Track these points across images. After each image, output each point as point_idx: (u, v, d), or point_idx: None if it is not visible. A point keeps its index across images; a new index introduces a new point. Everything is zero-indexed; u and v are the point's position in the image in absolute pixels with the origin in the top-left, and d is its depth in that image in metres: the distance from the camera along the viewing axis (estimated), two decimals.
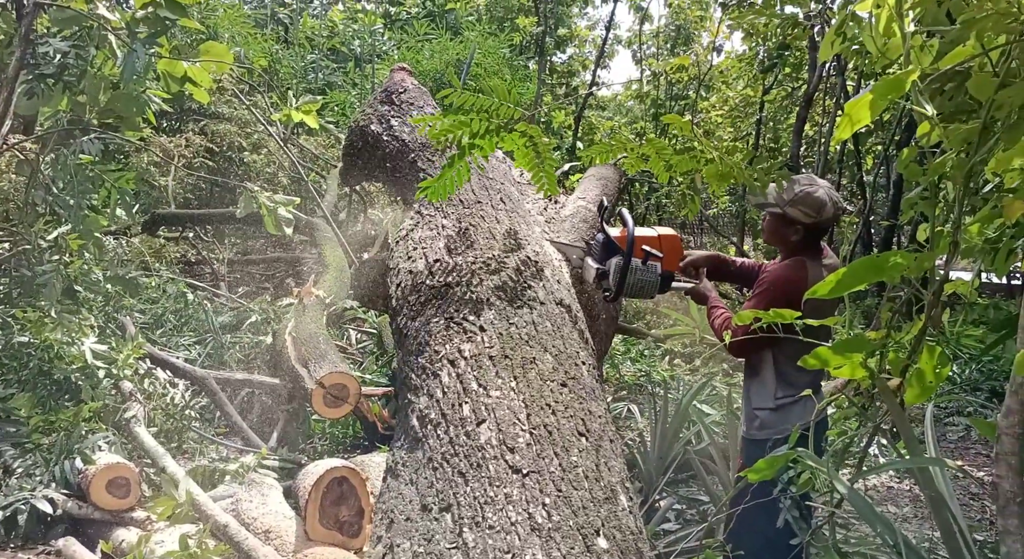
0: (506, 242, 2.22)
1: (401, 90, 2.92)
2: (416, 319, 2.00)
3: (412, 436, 1.69)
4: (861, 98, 1.35)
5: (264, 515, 3.35)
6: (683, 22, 20.70)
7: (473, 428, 1.59)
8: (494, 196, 2.45)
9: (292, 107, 6.40)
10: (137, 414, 3.87)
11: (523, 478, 1.46)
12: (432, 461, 1.58)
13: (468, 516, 1.42)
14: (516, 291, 1.98)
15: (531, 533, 1.36)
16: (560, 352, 1.83)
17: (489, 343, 1.80)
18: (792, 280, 2.43)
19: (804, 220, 2.42)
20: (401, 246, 2.36)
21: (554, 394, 1.68)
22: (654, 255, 2.50)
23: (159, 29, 4.47)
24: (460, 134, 2.08)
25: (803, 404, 2.50)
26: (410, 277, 2.17)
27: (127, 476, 3.38)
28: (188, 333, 5.39)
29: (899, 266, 1.21)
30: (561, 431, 1.59)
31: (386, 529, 1.53)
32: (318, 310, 5.24)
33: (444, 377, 1.75)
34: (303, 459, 4.63)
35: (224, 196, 11.79)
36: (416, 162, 2.66)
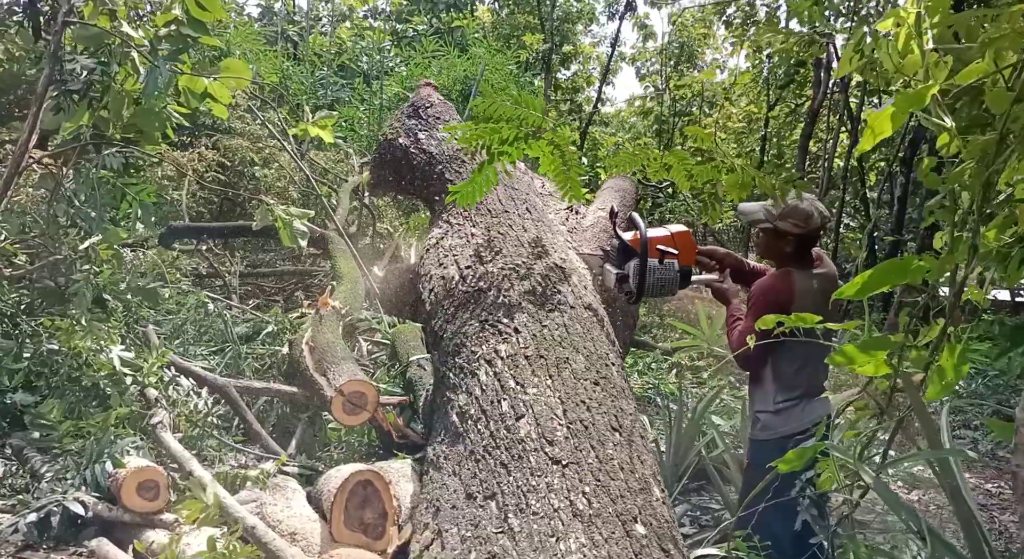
0: (533, 249, 2.31)
1: (428, 105, 3.03)
2: (451, 322, 2.09)
3: (453, 431, 1.78)
4: (883, 111, 1.45)
5: (289, 518, 3.42)
6: (686, 39, 20.90)
7: (513, 423, 1.68)
8: (520, 206, 2.55)
9: (309, 122, 6.54)
10: (163, 420, 3.95)
11: (563, 469, 1.55)
12: (474, 454, 1.67)
13: (512, 503, 1.50)
14: (546, 295, 2.07)
15: (573, 519, 1.44)
16: (591, 353, 1.92)
17: (524, 344, 1.89)
18: (778, 290, 2.54)
19: (795, 231, 2.54)
20: (432, 254, 2.45)
21: (588, 392, 1.77)
22: (670, 253, 2.59)
23: (181, 46, 4.60)
24: (490, 140, 2.19)
25: (801, 407, 2.61)
26: (443, 283, 2.27)
27: (156, 479, 3.46)
28: (207, 343, 5.48)
29: (922, 269, 1.30)
30: (596, 426, 1.67)
31: (432, 516, 1.61)
32: (334, 320, 5.34)
33: (482, 376, 1.84)
34: (320, 466, 4.71)
35: (234, 210, 11.93)
36: (444, 173, 2.76)
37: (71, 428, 3.69)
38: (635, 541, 1.41)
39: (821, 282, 2.55)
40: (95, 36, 4.29)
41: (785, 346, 2.41)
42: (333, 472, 3.71)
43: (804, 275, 2.53)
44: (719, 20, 19.11)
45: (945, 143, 1.38)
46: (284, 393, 5.00)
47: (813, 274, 2.54)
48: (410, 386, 5.10)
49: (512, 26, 16.06)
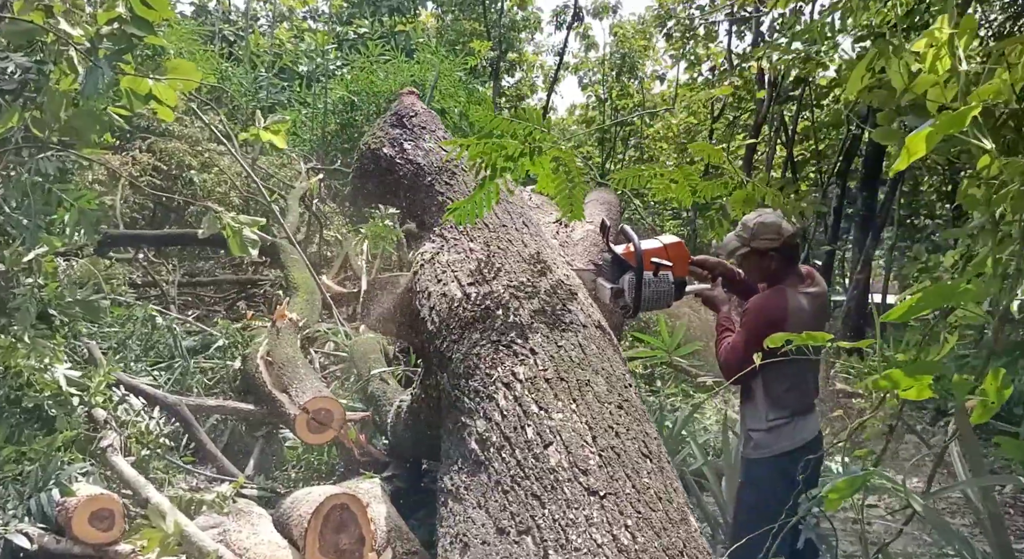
0: (535, 266, 2.25)
1: (412, 114, 2.93)
2: (459, 343, 2.00)
3: (473, 459, 1.69)
4: (920, 132, 1.44)
5: (257, 545, 3.26)
6: (628, 50, 21.22)
7: (541, 451, 1.60)
8: (516, 220, 2.48)
9: (260, 127, 6.31)
10: (113, 443, 3.71)
11: (601, 500, 1.48)
12: (500, 484, 1.58)
13: (551, 539, 1.42)
14: (556, 314, 2.00)
15: (619, 554, 1.37)
16: (610, 374, 1.86)
17: (542, 366, 1.81)
18: (773, 308, 2.55)
19: (771, 245, 2.57)
20: (428, 269, 2.36)
21: (613, 416, 1.71)
22: (664, 265, 2.57)
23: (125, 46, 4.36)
24: (495, 157, 2.11)
25: (793, 424, 2.62)
26: (444, 300, 2.17)
27: (111, 508, 3.24)
28: (153, 358, 5.20)
29: (970, 292, 1.29)
30: (628, 453, 1.61)
31: (460, 554, 1.52)
32: (292, 333, 5.15)
33: (501, 400, 1.76)
34: (279, 488, 4.51)
35: (169, 216, 11.47)
36: (434, 185, 2.66)
37: (12, 454, 3.42)
38: None
39: (813, 300, 2.57)
40: (25, 32, 4.02)
41: (776, 363, 2.40)
42: (301, 494, 3.55)
43: (797, 293, 2.54)
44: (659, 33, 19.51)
45: (986, 165, 1.38)
46: (240, 411, 4.78)
47: (806, 292, 2.56)
48: (372, 401, 4.95)
49: (458, 32, 15.99)
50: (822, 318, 2.62)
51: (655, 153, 19.15)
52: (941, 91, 1.81)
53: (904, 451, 5.86)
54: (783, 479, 2.53)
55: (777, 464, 2.56)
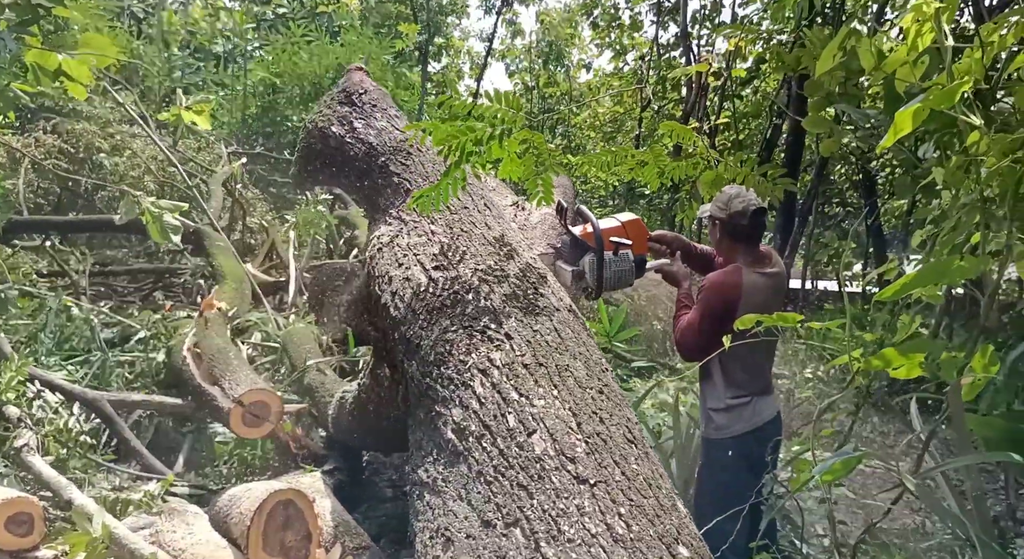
0: (501, 249, 2.17)
1: (361, 91, 2.79)
2: (427, 329, 1.91)
3: (451, 450, 1.61)
4: (908, 109, 1.44)
5: (193, 545, 3.08)
6: (554, 38, 21.27)
7: (525, 439, 1.54)
8: (478, 201, 2.40)
9: (182, 106, 5.99)
10: (29, 442, 3.44)
11: (592, 488, 1.43)
12: (483, 475, 1.51)
13: (542, 530, 1.36)
14: (529, 299, 1.94)
15: (615, 544, 1.32)
16: (588, 358, 1.81)
17: (520, 351, 1.75)
18: (727, 284, 2.57)
19: (719, 215, 2.60)
20: (387, 253, 2.25)
21: (596, 402, 1.66)
22: (623, 244, 2.55)
23: (30, 17, 4.05)
24: (464, 140, 2.02)
25: (753, 405, 2.64)
26: (408, 285, 2.08)
27: (29, 511, 3.01)
28: (68, 351, 4.86)
29: (963, 269, 1.29)
30: (614, 439, 1.57)
31: (443, 549, 1.44)
32: (222, 323, 4.90)
33: (477, 387, 1.68)
34: (211, 484, 4.30)
35: (76, 201, 10.82)
36: (388, 166, 2.55)
37: None
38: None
39: (769, 280, 2.59)
40: None
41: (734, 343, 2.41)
42: (239, 491, 3.38)
43: (754, 272, 2.56)
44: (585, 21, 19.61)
45: (975, 141, 1.39)
46: (167, 405, 4.53)
47: (762, 272, 2.57)
48: (308, 392, 4.77)
49: (383, 14, 15.63)
50: (778, 298, 2.64)
51: (582, 142, 19.29)
52: (910, 70, 1.83)
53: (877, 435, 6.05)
54: (743, 460, 2.56)
55: (736, 445, 2.58)
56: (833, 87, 3.05)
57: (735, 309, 2.44)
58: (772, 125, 12.13)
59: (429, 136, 2.04)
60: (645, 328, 8.08)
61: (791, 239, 8.72)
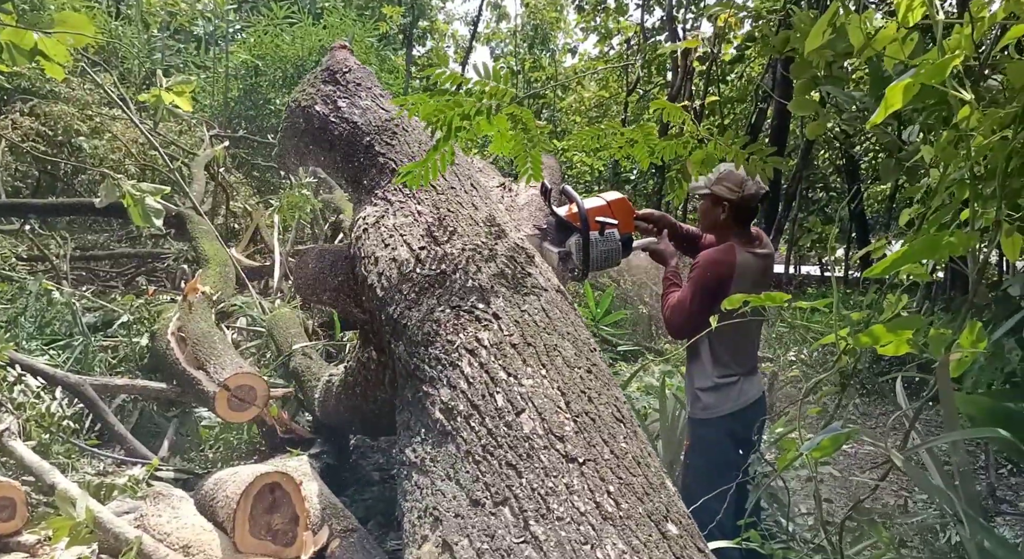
0: (490, 229, 2.16)
1: (345, 69, 2.75)
2: (414, 309, 1.89)
3: (439, 430, 1.60)
4: (898, 84, 1.43)
5: (179, 529, 3.07)
6: (540, 22, 21.13)
7: (513, 418, 1.53)
8: (465, 182, 2.38)
9: (162, 88, 5.90)
10: (10, 426, 3.40)
11: (580, 467, 1.42)
12: (471, 454, 1.50)
13: (531, 508, 1.36)
14: (517, 278, 1.92)
15: (604, 522, 1.32)
16: (576, 338, 1.80)
17: (507, 331, 1.73)
18: (720, 262, 2.57)
19: (729, 196, 2.59)
20: (372, 233, 2.22)
21: (584, 381, 1.65)
22: (609, 223, 2.55)
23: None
24: (451, 115, 2.00)
25: (740, 385, 2.65)
26: (394, 265, 2.06)
27: (11, 496, 2.98)
28: (49, 336, 4.80)
29: (952, 245, 1.30)
30: (603, 418, 1.56)
31: (431, 528, 1.43)
32: (206, 307, 4.86)
33: (465, 367, 1.67)
34: (196, 469, 4.28)
35: (55, 185, 10.66)
36: (373, 146, 2.51)
37: None
38: (673, 542, 1.32)
39: (760, 260, 2.59)
40: None
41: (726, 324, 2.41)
42: (226, 474, 3.37)
43: (746, 252, 2.56)
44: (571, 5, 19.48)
45: (965, 116, 1.38)
46: (151, 390, 4.49)
47: (754, 252, 2.58)
48: (294, 376, 4.75)
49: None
50: (767, 278, 2.65)
51: (568, 126, 19.24)
52: (899, 47, 1.82)
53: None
54: (730, 440, 2.57)
55: (724, 424, 2.59)
56: (820, 68, 3.04)
57: (727, 287, 2.44)
58: (757, 109, 12.15)
59: (416, 112, 2.02)
60: (631, 312, 8.11)
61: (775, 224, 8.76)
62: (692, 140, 2.04)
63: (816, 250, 19.01)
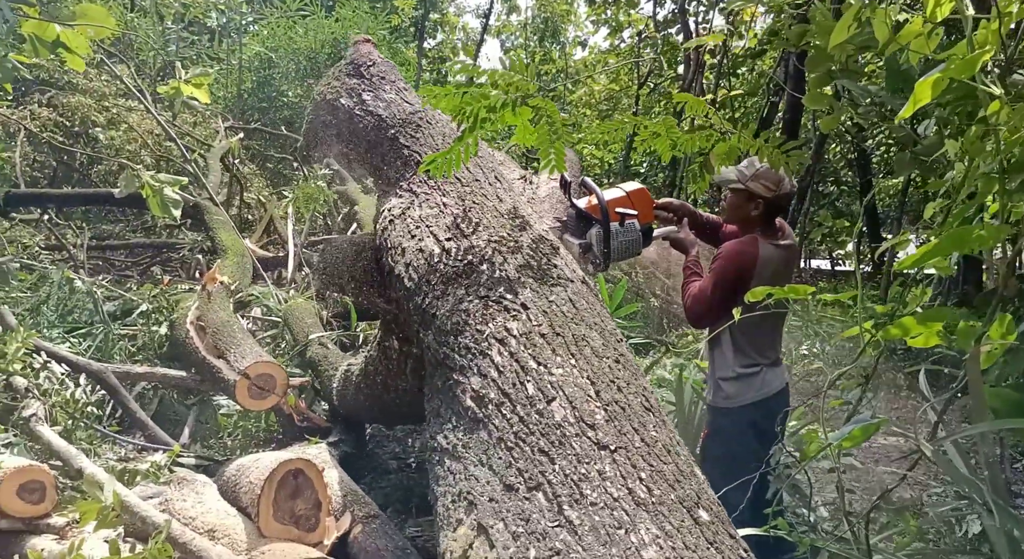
0: (514, 221, 2.19)
1: (369, 63, 2.78)
2: (442, 299, 1.93)
3: (470, 417, 1.63)
4: (928, 78, 1.45)
5: (204, 514, 3.12)
6: (550, 15, 21.06)
7: (544, 406, 1.56)
8: (488, 174, 2.41)
9: (181, 80, 5.94)
10: (37, 412, 3.46)
11: (612, 454, 1.46)
12: (504, 441, 1.53)
13: (565, 494, 1.39)
14: (543, 269, 1.95)
15: (637, 507, 1.35)
16: (603, 329, 1.83)
17: (536, 321, 1.77)
18: (744, 254, 2.59)
19: (765, 194, 2.59)
20: (399, 225, 2.26)
21: (613, 371, 1.68)
22: (629, 214, 2.57)
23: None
24: (477, 107, 2.02)
25: (763, 375, 2.67)
26: (422, 256, 2.09)
27: (41, 479, 3.04)
28: (71, 324, 4.86)
29: (983, 238, 1.32)
30: (632, 407, 1.59)
31: (465, 512, 1.47)
32: (225, 297, 4.91)
33: (495, 356, 1.70)
34: (216, 456, 4.33)
35: (71, 175, 10.75)
36: (398, 138, 2.55)
37: None
38: (705, 528, 1.35)
39: (783, 252, 2.61)
40: None
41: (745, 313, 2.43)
42: (248, 461, 3.42)
43: (769, 244, 2.58)
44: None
45: (995, 111, 1.40)
46: (171, 378, 4.55)
47: (778, 244, 2.60)
48: (311, 366, 4.80)
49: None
50: (790, 270, 2.67)
51: (578, 119, 19.22)
52: (924, 42, 1.84)
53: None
54: (751, 429, 2.59)
55: (744, 414, 2.61)
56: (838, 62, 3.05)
57: (748, 279, 2.47)
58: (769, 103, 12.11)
59: (443, 104, 2.05)
60: (643, 305, 8.13)
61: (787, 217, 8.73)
62: (716, 133, 2.06)
63: (827, 244, 18.94)
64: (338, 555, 2.94)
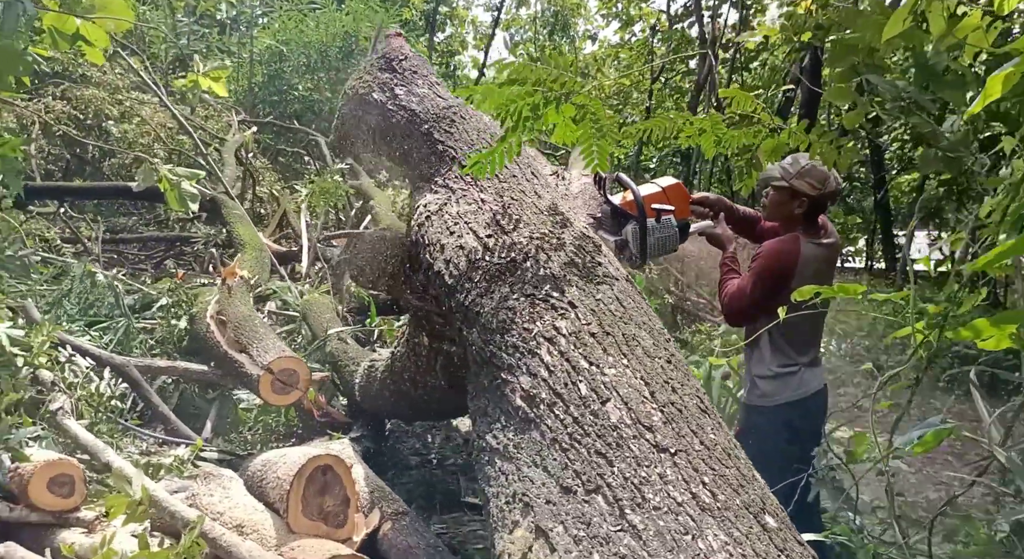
0: (554, 217, 2.16)
1: (401, 57, 2.75)
2: (486, 296, 1.90)
3: (520, 417, 1.60)
4: (999, 74, 1.42)
5: (231, 509, 3.11)
6: (560, 8, 20.97)
7: (599, 407, 1.53)
8: (525, 170, 2.38)
9: (199, 73, 5.92)
10: (64, 406, 3.45)
11: (672, 457, 1.43)
12: (558, 442, 1.51)
13: (626, 497, 1.36)
14: (588, 267, 1.92)
15: (703, 513, 1.33)
16: (652, 328, 1.81)
17: (585, 320, 1.74)
18: (785, 254, 2.55)
19: (810, 192, 2.54)
20: (436, 221, 2.23)
21: (666, 371, 1.65)
22: (665, 209, 2.54)
23: None
24: (521, 105, 1.99)
25: (800, 375, 2.63)
26: (462, 253, 2.06)
27: (71, 473, 3.03)
28: (91, 317, 4.85)
29: None
30: (688, 408, 1.56)
31: (521, 514, 1.44)
32: (245, 291, 4.90)
33: (544, 355, 1.67)
34: (237, 450, 4.32)
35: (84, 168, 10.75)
36: (432, 133, 2.52)
37: None
38: (774, 535, 1.32)
39: (825, 251, 2.57)
40: None
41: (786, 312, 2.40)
42: (273, 456, 3.40)
43: (811, 243, 2.54)
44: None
45: None
46: (192, 372, 4.54)
47: (820, 243, 2.56)
48: (331, 361, 4.79)
49: None
50: (831, 269, 2.63)
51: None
52: (982, 35, 1.81)
53: None
54: (786, 429, 2.56)
55: (780, 413, 2.58)
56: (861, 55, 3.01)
57: (790, 279, 2.43)
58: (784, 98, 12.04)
59: (484, 102, 2.02)
60: (657, 302, 8.09)
61: None
62: (763, 129, 2.03)
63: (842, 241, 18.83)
64: (367, 552, 2.93)
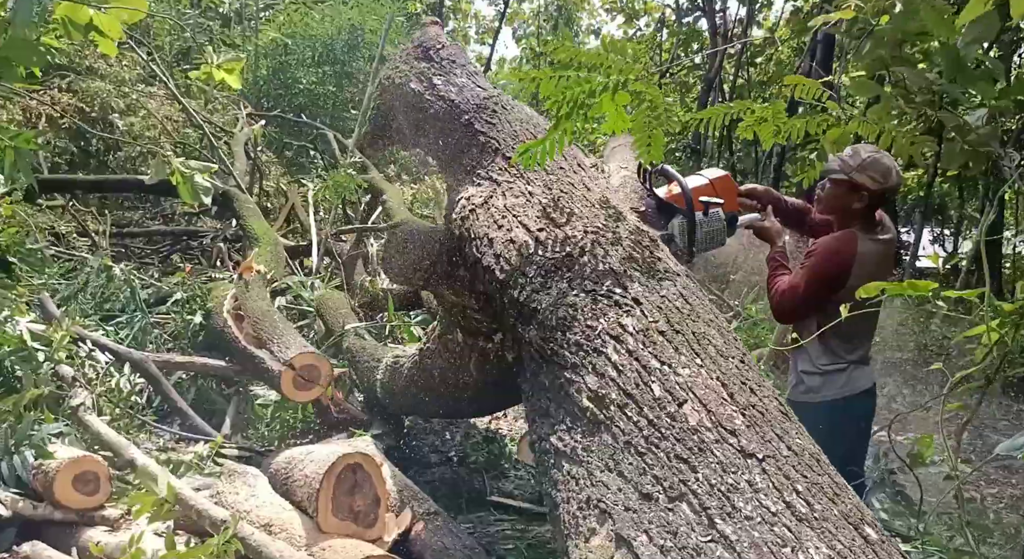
0: (607, 211, 2.08)
1: (439, 46, 2.66)
2: (542, 292, 1.82)
3: (588, 419, 1.53)
4: None
5: (258, 507, 3.03)
6: (563, 2, 20.87)
7: (675, 409, 1.46)
8: (571, 161, 2.30)
9: (213, 65, 5.83)
10: (85, 402, 3.38)
11: (760, 463, 1.35)
12: (632, 445, 1.43)
13: (714, 506, 1.29)
14: (648, 262, 1.85)
15: (800, 523, 1.25)
16: (719, 326, 1.73)
17: (652, 317, 1.66)
18: (841, 252, 2.47)
19: (871, 186, 2.45)
20: (482, 214, 2.15)
21: (741, 372, 1.58)
22: (714, 202, 2.47)
23: None
24: (577, 92, 1.91)
25: (848, 373, 2.56)
26: (512, 247, 1.98)
27: (95, 470, 2.96)
28: (107, 312, 4.78)
29: None
30: (770, 411, 1.49)
31: (598, 521, 1.36)
32: (262, 286, 4.82)
33: (611, 354, 1.60)
34: (256, 447, 4.25)
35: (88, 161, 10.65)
36: (472, 124, 2.43)
37: None
38: (878, 548, 1.24)
39: (882, 247, 2.49)
40: None
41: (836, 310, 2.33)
42: (299, 453, 3.33)
43: (867, 238, 2.46)
44: None
45: None
46: (210, 367, 4.46)
47: (877, 239, 2.48)
48: (348, 356, 4.70)
49: None
50: (888, 266, 2.55)
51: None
52: None
53: None
54: (830, 428, 2.48)
55: (825, 411, 2.50)
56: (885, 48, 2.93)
57: (845, 277, 2.36)
58: None
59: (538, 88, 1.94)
60: None
61: None
62: (829, 118, 1.95)
63: None
64: (398, 552, 2.85)
